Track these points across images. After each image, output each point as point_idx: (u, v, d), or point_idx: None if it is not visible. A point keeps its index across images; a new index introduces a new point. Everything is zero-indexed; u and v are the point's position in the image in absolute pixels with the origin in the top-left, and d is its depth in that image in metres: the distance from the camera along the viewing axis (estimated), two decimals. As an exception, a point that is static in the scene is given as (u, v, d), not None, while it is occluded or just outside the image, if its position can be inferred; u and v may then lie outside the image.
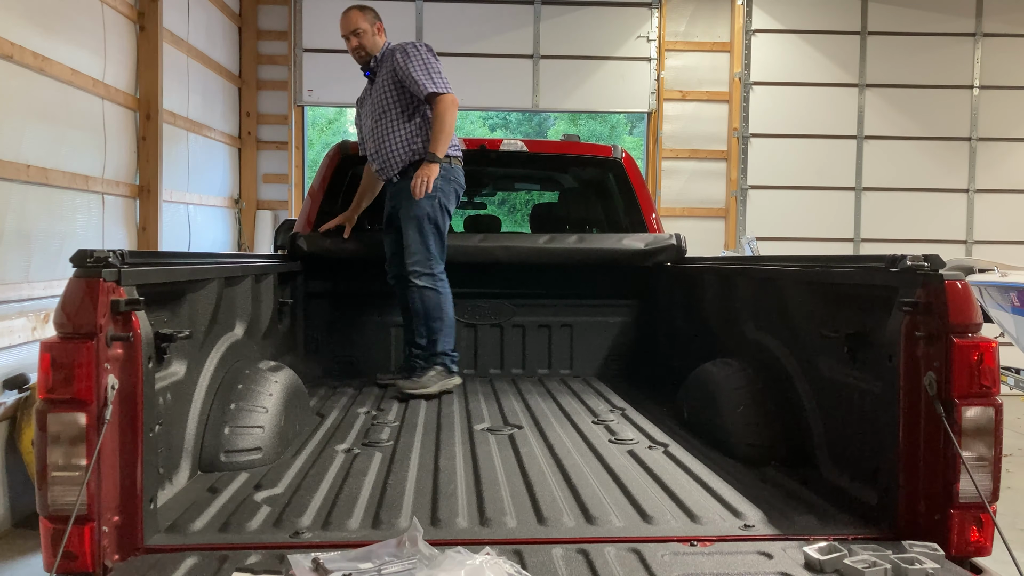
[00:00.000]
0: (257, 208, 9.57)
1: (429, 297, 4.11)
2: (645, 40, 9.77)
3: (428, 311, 4.11)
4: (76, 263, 1.96)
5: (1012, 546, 1.90)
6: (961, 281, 2.08)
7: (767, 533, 2.14)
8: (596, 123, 21.27)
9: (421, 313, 4.12)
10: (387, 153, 4.20)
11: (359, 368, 4.61)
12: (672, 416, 3.57)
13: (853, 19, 9.73)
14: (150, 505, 2.06)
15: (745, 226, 9.65)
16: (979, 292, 6.61)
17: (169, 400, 2.40)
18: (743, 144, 9.66)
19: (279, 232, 5.70)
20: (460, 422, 3.42)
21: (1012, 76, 9.70)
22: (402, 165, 4.18)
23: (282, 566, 1.89)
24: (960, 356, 2.04)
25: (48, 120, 5.30)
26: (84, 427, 1.88)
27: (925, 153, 9.78)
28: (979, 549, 2.06)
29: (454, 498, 2.40)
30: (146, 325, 2.07)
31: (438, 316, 4.11)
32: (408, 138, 4.17)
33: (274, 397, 2.93)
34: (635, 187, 5.05)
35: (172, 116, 7.30)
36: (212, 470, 2.64)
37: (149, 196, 6.71)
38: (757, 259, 4.87)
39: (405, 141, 4.16)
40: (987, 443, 2.05)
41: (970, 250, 9.65)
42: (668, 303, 4.62)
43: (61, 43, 5.41)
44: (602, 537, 2.12)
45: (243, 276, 3.29)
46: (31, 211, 5.10)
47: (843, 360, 2.55)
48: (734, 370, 3.20)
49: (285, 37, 9.52)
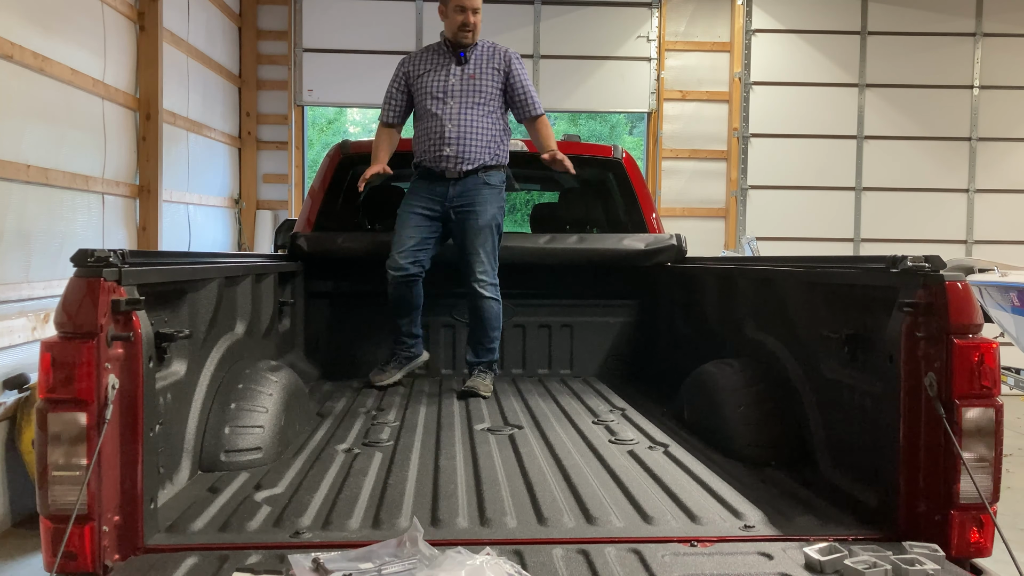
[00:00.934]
0: (257, 208, 9.57)
1: (493, 307, 4.17)
2: (645, 40, 9.77)
3: (491, 321, 4.18)
4: (77, 263, 1.95)
5: (1012, 547, 1.90)
6: (962, 282, 2.08)
7: (767, 534, 2.14)
8: (596, 123, 21.26)
9: (484, 322, 4.18)
10: (470, 143, 4.11)
11: (359, 368, 4.60)
12: (672, 416, 3.56)
13: (853, 19, 9.73)
14: (150, 505, 2.06)
15: (745, 226, 9.65)
16: (979, 292, 6.61)
17: (169, 400, 2.40)
18: (743, 144, 9.66)
19: (279, 232, 5.69)
20: (460, 422, 3.42)
21: (1012, 76, 9.70)
22: (480, 162, 4.14)
23: (282, 566, 1.89)
24: (961, 357, 2.04)
25: (48, 120, 5.30)
26: (84, 427, 1.88)
27: (925, 153, 9.78)
28: (979, 550, 2.06)
29: (454, 498, 2.40)
30: (146, 325, 2.07)
31: (498, 325, 4.22)
32: (491, 138, 4.17)
33: (274, 397, 2.93)
34: (635, 187, 5.04)
35: (172, 116, 7.30)
36: (212, 470, 2.63)
37: (149, 196, 6.71)
38: (757, 259, 4.87)
39: (488, 140, 4.16)
40: (987, 444, 2.05)
41: (970, 250, 9.65)
42: (668, 303, 4.62)
43: (61, 43, 5.41)
44: (602, 537, 2.12)
45: (243, 276, 3.29)
46: (31, 211, 5.10)
47: (843, 361, 2.55)
48: (734, 370, 3.20)
49: (285, 37, 9.52)
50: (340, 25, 9.55)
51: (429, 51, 4.30)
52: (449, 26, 4.18)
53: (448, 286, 4.57)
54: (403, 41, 9.53)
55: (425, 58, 4.26)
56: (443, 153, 4.13)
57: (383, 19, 9.57)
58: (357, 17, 9.53)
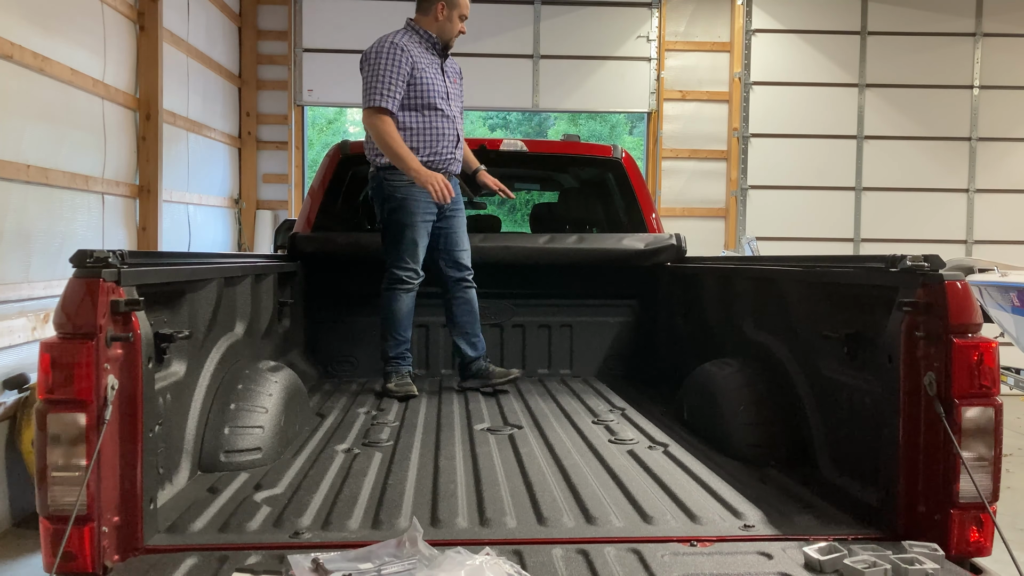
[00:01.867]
0: (257, 208, 9.58)
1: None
2: (645, 40, 9.77)
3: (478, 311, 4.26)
4: (76, 263, 1.95)
5: (1012, 546, 1.90)
6: (961, 281, 2.08)
7: (767, 533, 2.14)
8: (596, 123, 21.27)
9: (476, 313, 4.23)
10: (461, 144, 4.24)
11: (359, 368, 4.60)
12: (672, 416, 3.56)
13: (853, 19, 9.73)
14: (150, 505, 2.06)
15: (745, 226, 9.65)
16: (979, 292, 6.61)
17: (169, 400, 2.40)
18: (743, 144, 9.66)
19: (279, 232, 5.70)
20: (460, 422, 3.42)
21: (1012, 76, 9.70)
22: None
23: (282, 566, 1.89)
24: (960, 356, 2.04)
25: (48, 120, 5.30)
26: (84, 427, 1.88)
27: (925, 153, 9.78)
28: (979, 549, 2.06)
29: (454, 498, 2.40)
30: (146, 325, 2.07)
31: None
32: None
33: (274, 397, 2.93)
34: (635, 187, 5.04)
35: (172, 116, 7.30)
36: (212, 470, 2.64)
37: (149, 196, 6.72)
38: (757, 259, 4.86)
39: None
40: (987, 443, 2.05)
41: (970, 250, 9.65)
42: (668, 303, 4.62)
43: (61, 43, 5.41)
44: (602, 537, 2.12)
45: (243, 276, 3.29)
46: (31, 211, 5.10)
47: (843, 360, 2.55)
48: (734, 370, 3.20)
49: (285, 37, 9.52)
50: (340, 25, 9.56)
51: (417, 44, 4.05)
52: (444, 28, 4.07)
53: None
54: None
55: (419, 52, 4.04)
56: (455, 155, 4.14)
57: (383, 19, 9.53)
58: (357, 17, 9.53)
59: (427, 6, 4.07)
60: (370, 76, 3.94)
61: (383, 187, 4.06)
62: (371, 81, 3.93)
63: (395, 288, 4.07)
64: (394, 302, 4.08)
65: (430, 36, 4.09)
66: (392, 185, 4.02)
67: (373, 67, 3.93)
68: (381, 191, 4.07)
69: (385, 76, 3.92)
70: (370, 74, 3.94)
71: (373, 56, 3.95)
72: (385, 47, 3.96)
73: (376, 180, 4.10)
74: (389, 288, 4.08)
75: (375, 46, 3.99)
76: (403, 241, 4.04)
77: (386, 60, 3.93)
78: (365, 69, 3.97)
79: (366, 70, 3.96)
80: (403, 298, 4.08)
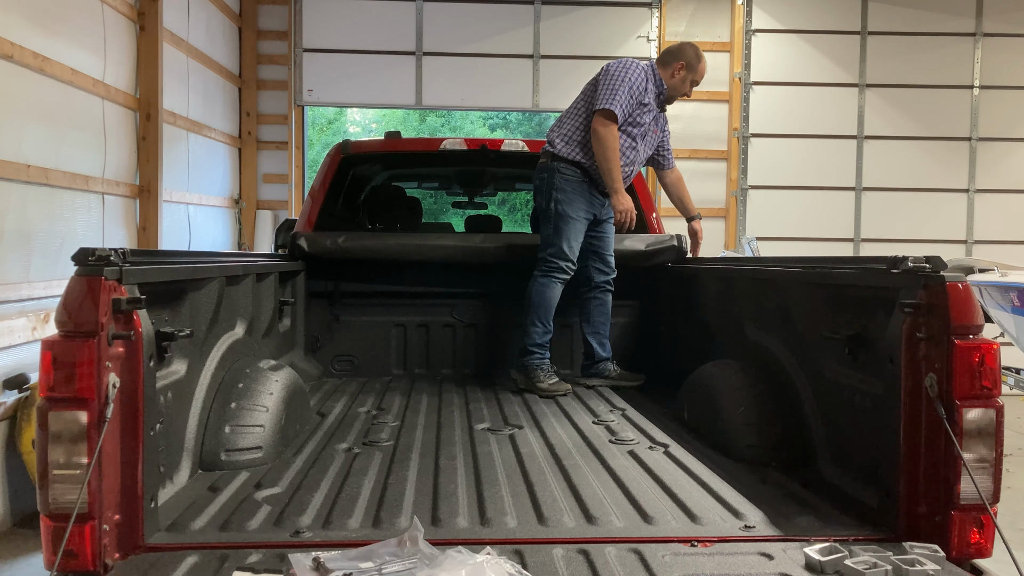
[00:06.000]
0: (257, 208, 9.58)
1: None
2: (645, 40, 9.77)
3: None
4: (78, 261, 1.95)
5: (1012, 547, 1.90)
6: (963, 283, 2.08)
7: (768, 534, 2.14)
8: (596, 123, 21.21)
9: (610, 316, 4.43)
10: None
11: (359, 368, 4.61)
12: (673, 416, 3.56)
13: (853, 19, 9.74)
14: (151, 504, 2.06)
15: (745, 226, 9.66)
16: (979, 292, 6.62)
17: (170, 399, 2.40)
18: (743, 144, 9.67)
19: (280, 232, 5.70)
20: (460, 422, 3.42)
21: (1012, 76, 9.71)
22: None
23: (283, 565, 1.89)
24: (961, 358, 2.04)
25: (48, 120, 5.30)
26: (85, 425, 1.88)
27: (925, 153, 9.79)
28: (980, 550, 2.06)
29: (454, 498, 2.40)
30: (147, 324, 2.06)
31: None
32: None
33: (275, 396, 2.93)
34: (635, 187, 5.04)
35: (172, 116, 7.30)
36: (213, 469, 2.64)
37: (149, 196, 6.72)
38: (757, 260, 4.87)
39: None
40: (988, 444, 2.05)
41: (970, 250, 9.66)
42: (669, 304, 4.62)
43: (61, 43, 5.41)
44: (602, 537, 2.12)
45: (244, 275, 3.29)
46: (31, 211, 5.10)
47: (844, 361, 2.55)
48: (735, 371, 3.20)
49: (285, 37, 9.52)
50: (340, 25, 9.56)
51: (653, 84, 4.30)
52: (675, 86, 4.34)
53: (448, 285, 4.58)
54: (403, 41, 9.54)
55: (650, 90, 4.29)
56: (620, 174, 4.22)
57: (383, 19, 9.57)
58: (357, 17, 9.54)
59: (669, 60, 4.35)
60: (613, 82, 4.15)
61: (555, 178, 4.22)
62: (614, 87, 4.14)
63: (552, 276, 4.20)
64: (549, 290, 4.21)
65: (661, 86, 4.33)
66: (565, 178, 4.21)
67: (619, 77, 4.16)
68: (552, 182, 4.22)
69: (624, 90, 4.15)
70: (614, 81, 4.16)
71: (622, 70, 4.19)
72: (637, 70, 4.21)
73: (548, 170, 4.25)
74: (546, 276, 4.21)
75: (624, 62, 4.23)
76: (568, 233, 4.20)
77: (633, 78, 4.18)
78: (607, 77, 4.18)
79: (608, 78, 4.18)
80: (558, 288, 4.23)
